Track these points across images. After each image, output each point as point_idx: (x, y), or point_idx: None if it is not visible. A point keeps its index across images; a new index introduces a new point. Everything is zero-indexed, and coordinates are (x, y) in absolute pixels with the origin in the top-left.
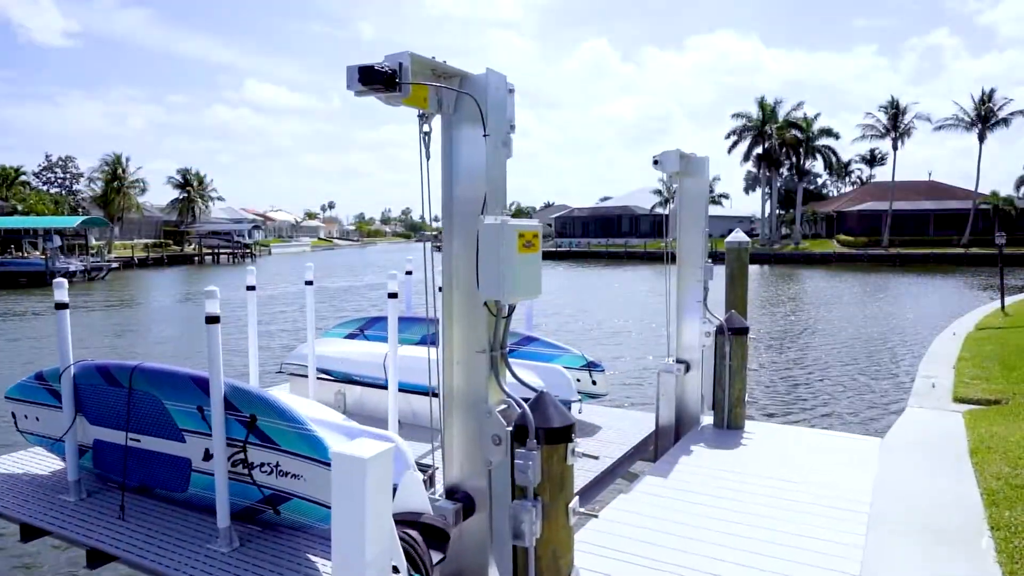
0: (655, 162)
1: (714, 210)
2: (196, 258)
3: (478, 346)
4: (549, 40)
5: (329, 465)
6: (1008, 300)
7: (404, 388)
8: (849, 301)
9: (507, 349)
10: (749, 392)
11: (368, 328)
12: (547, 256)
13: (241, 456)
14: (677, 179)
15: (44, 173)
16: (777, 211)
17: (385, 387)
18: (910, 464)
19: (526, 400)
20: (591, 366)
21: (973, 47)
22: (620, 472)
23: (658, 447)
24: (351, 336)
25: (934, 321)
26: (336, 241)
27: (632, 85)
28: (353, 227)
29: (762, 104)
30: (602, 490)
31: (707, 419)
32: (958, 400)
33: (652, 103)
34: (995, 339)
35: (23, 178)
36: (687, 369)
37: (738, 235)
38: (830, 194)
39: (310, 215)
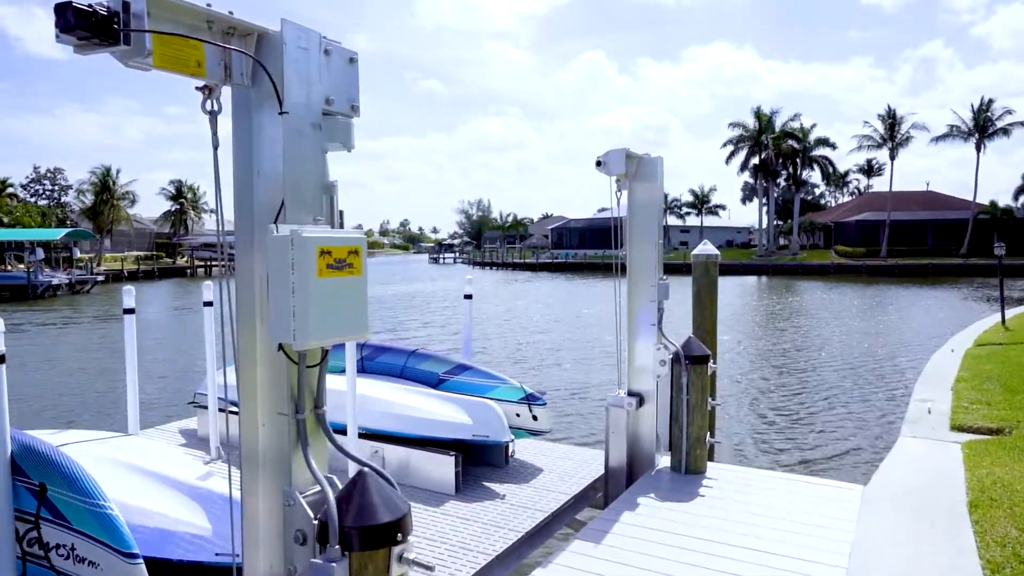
0: (598, 163)
1: (712, 221)
2: (188, 271)
3: (283, 405)
4: (546, 52)
5: (126, 554)
6: (1008, 313)
7: None
8: (848, 315)
9: (323, 410)
10: (731, 420)
11: None
12: (543, 268)
13: (35, 534)
14: (625, 183)
15: (32, 185)
16: (775, 222)
17: None
18: (897, 522)
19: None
20: (530, 399)
21: (967, 58)
22: (561, 524)
23: (608, 493)
24: None
25: (932, 334)
26: None
27: (629, 96)
28: None
29: (758, 114)
30: (533, 549)
31: (665, 459)
32: (956, 428)
33: (649, 113)
34: (996, 357)
35: (10, 190)
36: (640, 403)
37: (706, 247)
38: (828, 205)
39: None
